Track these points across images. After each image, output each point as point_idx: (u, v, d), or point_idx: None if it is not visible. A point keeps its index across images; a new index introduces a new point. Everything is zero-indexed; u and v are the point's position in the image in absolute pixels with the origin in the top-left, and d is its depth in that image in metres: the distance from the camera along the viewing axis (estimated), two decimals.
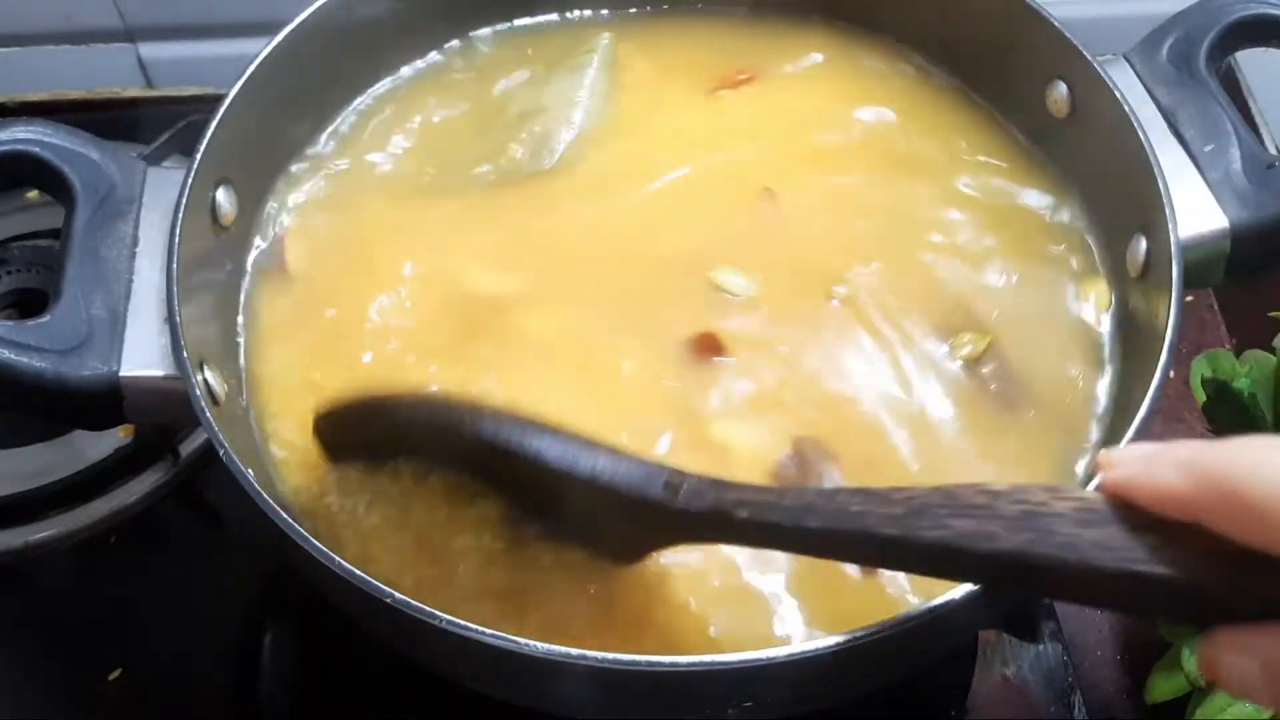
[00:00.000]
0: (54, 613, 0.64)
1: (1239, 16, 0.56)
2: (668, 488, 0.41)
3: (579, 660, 0.41)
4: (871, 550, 0.37)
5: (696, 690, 0.43)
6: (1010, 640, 0.62)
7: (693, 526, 0.41)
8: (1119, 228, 0.55)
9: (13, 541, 0.63)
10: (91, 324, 0.48)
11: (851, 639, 0.41)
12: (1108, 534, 0.32)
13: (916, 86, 0.62)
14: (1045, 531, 0.33)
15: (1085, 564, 0.32)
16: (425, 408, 0.46)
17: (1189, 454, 0.31)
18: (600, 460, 0.42)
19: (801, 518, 0.38)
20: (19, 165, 0.51)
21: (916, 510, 0.35)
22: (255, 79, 0.54)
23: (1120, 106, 0.53)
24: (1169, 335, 0.48)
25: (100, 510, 0.64)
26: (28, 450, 0.65)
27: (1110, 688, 0.62)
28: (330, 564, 0.42)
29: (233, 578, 0.65)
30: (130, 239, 0.51)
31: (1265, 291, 0.71)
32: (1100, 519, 0.32)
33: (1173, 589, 0.31)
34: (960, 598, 0.41)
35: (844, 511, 0.37)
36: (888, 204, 0.58)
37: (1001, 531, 0.33)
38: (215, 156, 0.52)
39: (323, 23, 0.57)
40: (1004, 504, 0.33)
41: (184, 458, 0.66)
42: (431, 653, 0.47)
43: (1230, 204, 0.52)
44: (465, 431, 0.43)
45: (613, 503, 0.41)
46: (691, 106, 0.62)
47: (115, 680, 0.61)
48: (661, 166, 0.58)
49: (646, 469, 0.41)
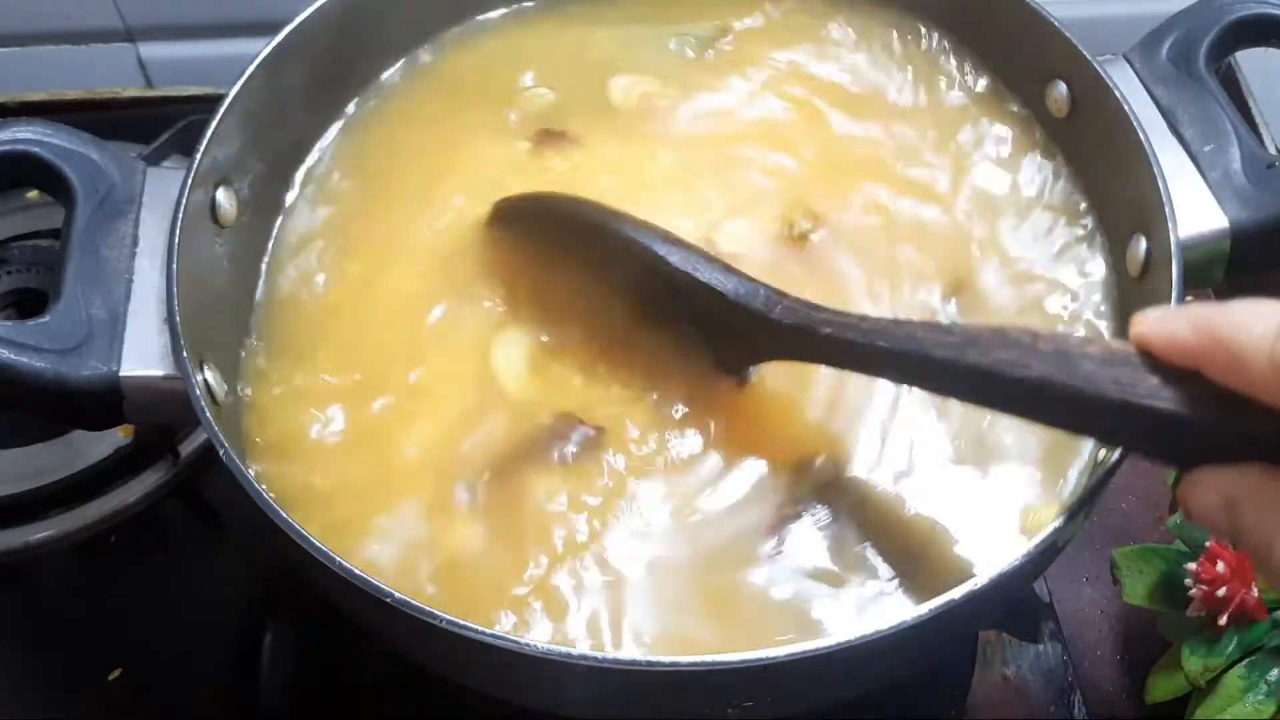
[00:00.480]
0: (54, 613, 0.64)
1: (1239, 16, 0.56)
2: (768, 302, 0.47)
3: (579, 660, 0.41)
4: (928, 371, 0.42)
5: (696, 690, 0.43)
6: (1010, 640, 0.62)
7: (785, 338, 0.47)
8: (1119, 227, 0.55)
9: (13, 541, 0.63)
10: (91, 324, 0.48)
11: (851, 639, 0.41)
12: (1123, 373, 0.37)
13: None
14: (1072, 367, 0.38)
15: (1099, 395, 0.37)
16: (586, 205, 0.53)
17: (1199, 311, 0.37)
18: (716, 271, 0.49)
19: (874, 338, 0.44)
20: (19, 165, 0.51)
21: (970, 340, 0.41)
22: (255, 79, 0.54)
23: (1120, 106, 0.53)
24: None
25: (100, 510, 0.64)
26: (28, 450, 0.65)
27: (1110, 688, 0.62)
28: (330, 564, 0.42)
29: (233, 578, 0.65)
30: (130, 239, 0.51)
31: (1265, 292, 0.71)
32: (1120, 360, 0.38)
33: (1168, 422, 0.36)
34: (960, 598, 0.41)
35: (910, 337, 0.43)
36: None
37: (1034, 363, 0.39)
38: (215, 157, 0.52)
39: (323, 22, 0.57)
40: (1042, 343, 0.39)
41: (184, 458, 0.66)
42: (431, 653, 0.47)
43: (1230, 204, 0.52)
44: (614, 231, 0.51)
45: (721, 310, 0.48)
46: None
47: (115, 680, 0.62)
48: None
49: (753, 285, 0.48)
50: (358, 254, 0.57)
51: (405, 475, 0.50)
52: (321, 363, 0.53)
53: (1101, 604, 0.65)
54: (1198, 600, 0.53)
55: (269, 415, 0.52)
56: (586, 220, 0.52)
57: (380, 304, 0.55)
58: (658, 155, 0.59)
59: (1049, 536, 0.43)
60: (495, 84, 0.62)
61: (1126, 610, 0.64)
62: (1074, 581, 0.65)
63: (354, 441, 0.51)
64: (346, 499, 0.50)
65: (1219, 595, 0.52)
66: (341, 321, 0.55)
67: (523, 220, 0.55)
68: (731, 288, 0.48)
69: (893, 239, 0.56)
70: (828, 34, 0.63)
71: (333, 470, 0.51)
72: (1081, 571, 0.65)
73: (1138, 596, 0.57)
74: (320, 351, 0.54)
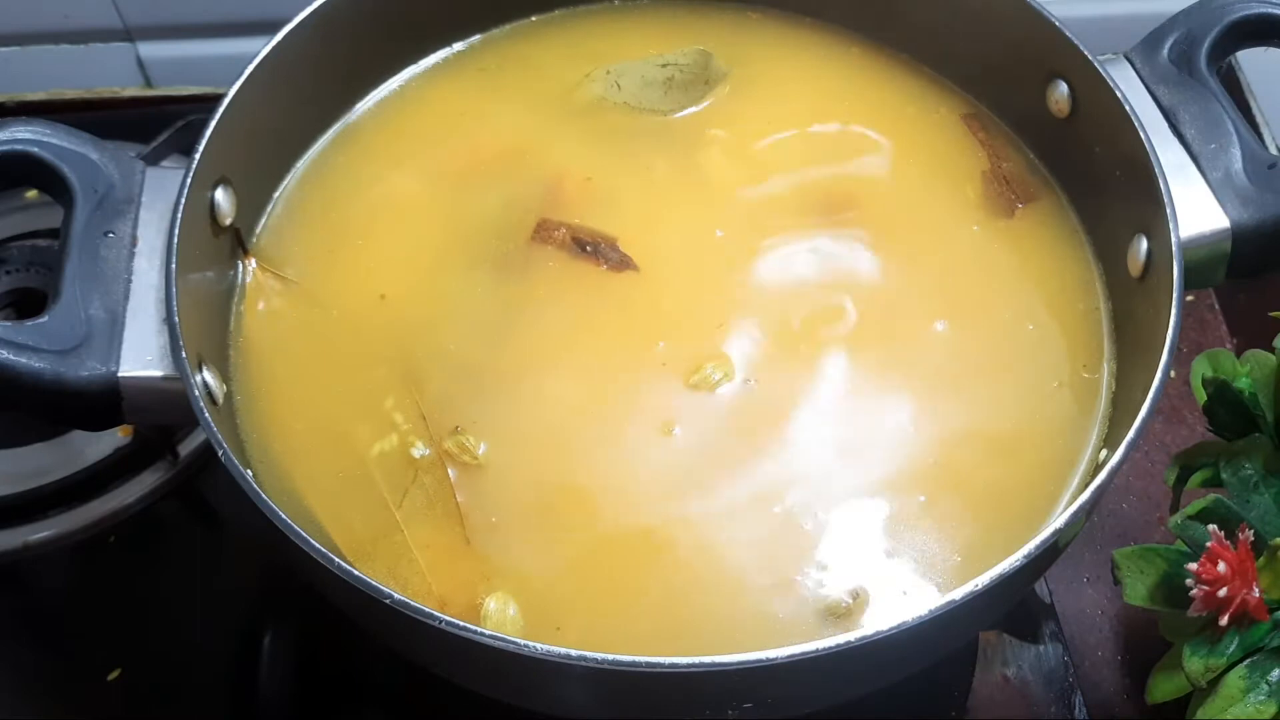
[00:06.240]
0: (54, 613, 0.64)
1: (1240, 16, 0.56)
2: None
3: (578, 661, 0.41)
4: None
5: (696, 690, 0.43)
6: (1010, 640, 0.62)
7: None
8: (1120, 227, 0.55)
9: (13, 541, 0.63)
10: (90, 324, 0.48)
11: (851, 639, 0.41)
12: None
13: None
14: None
15: None
16: None
17: None
18: None
19: None
20: (17, 165, 0.51)
21: None
22: (255, 79, 0.54)
23: (1121, 106, 0.53)
24: (1169, 335, 0.48)
25: (100, 510, 0.64)
26: (28, 450, 0.65)
27: (1110, 688, 0.62)
28: (330, 564, 0.42)
29: (233, 578, 0.65)
30: (129, 239, 0.51)
31: (1266, 291, 0.71)
32: None
33: None
34: (960, 598, 0.41)
35: None
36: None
37: None
38: (214, 156, 0.52)
39: (323, 22, 0.57)
40: None
41: (183, 458, 0.66)
42: (431, 653, 0.47)
43: (1231, 204, 0.52)
44: None
45: None
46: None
47: (115, 680, 0.61)
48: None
49: None
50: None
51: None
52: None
53: (1102, 604, 0.65)
54: (1198, 600, 0.53)
55: (268, 415, 0.52)
56: None
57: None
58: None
59: (1049, 537, 0.43)
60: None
61: (1127, 611, 0.64)
62: (1075, 582, 0.65)
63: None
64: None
65: (1220, 595, 0.52)
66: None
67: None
68: None
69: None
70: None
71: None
72: (1082, 572, 0.65)
73: (1138, 597, 0.57)
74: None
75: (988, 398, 0.53)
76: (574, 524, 0.49)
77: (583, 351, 0.54)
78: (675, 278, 0.56)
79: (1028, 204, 0.58)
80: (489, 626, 0.46)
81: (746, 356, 0.53)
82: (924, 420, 0.52)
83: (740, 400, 0.52)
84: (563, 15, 0.65)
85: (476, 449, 0.50)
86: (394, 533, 0.49)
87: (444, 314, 0.55)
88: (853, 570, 0.48)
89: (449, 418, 0.52)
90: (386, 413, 0.52)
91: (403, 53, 0.63)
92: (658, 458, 0.51)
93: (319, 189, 0.59)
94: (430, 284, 0.56)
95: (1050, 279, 0.57)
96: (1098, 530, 0.67)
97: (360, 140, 0.61)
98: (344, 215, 0.58)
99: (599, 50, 0.63)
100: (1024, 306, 0.56)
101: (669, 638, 0.47)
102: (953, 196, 0.59)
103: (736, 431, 0.51)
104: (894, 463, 0.51)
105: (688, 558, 0.48)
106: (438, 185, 0.59)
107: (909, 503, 0.50)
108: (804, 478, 0.50)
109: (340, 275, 0.56)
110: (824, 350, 0.53)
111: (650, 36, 0.64)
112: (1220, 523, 0.50)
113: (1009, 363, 0.54)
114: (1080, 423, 0.53)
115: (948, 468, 0.51)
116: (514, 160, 0.59)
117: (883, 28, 0.64)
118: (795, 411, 0.52)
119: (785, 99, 0.62)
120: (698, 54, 0.62)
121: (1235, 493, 0.52)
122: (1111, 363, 0.54)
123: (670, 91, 0.61)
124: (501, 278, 0.56)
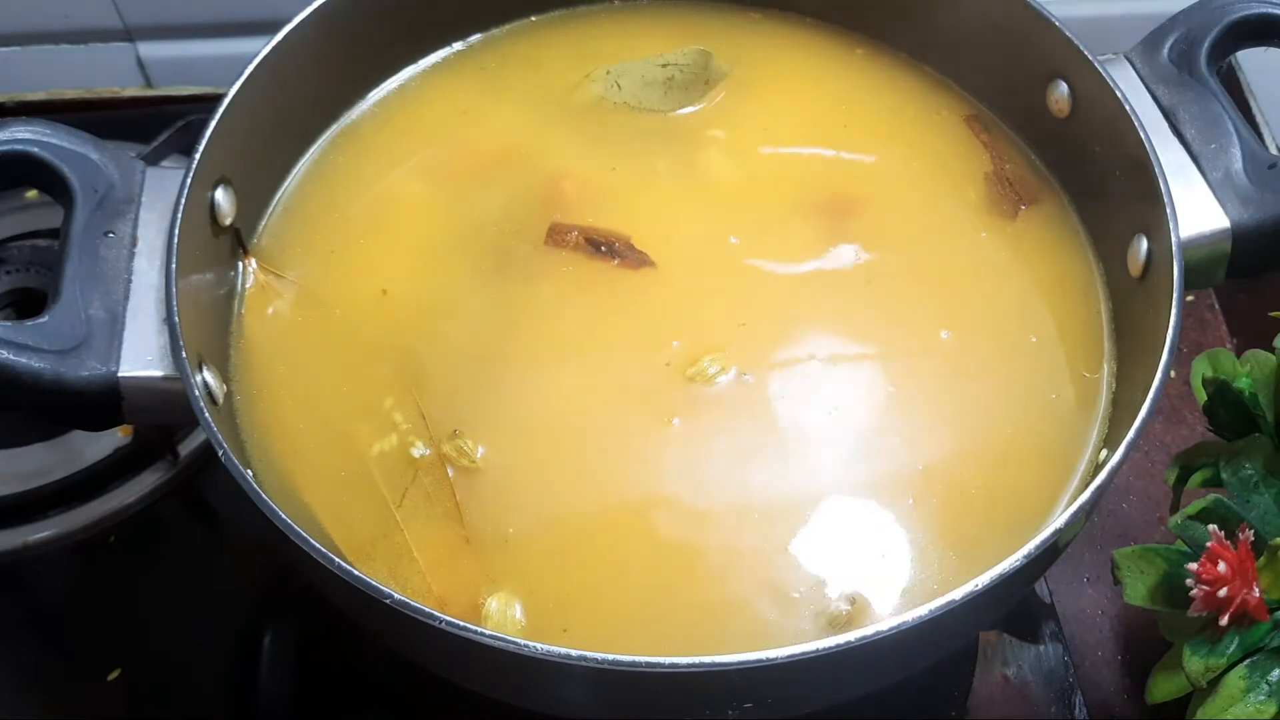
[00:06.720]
0: (54, 613, 0.64)
1: (1240, 16, 0.56)
2: None
3: (578, 661, 0.41)
4: None
5: (696, 691, 0.43)
6: (1010, 640, 0.62)
7: None
8: (1120, 227, 0.55)
9: (13, 541, 0.63)
10: (90, 324, 0.48)
11: (851, 639, 0.41)
12: None
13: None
14: None
15: None
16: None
17: None
18: None
19: None
20: (17, 165, 0.51)
21: None
22: (255, 79, 0.54)
23: (1121, 106, 0.53)
24: (1169, 335, 0.48)
25: (100, 510, 0.64)
26: (27, 450, 0.65)
27: (1110, 688, 0.62)
28: (330, 564, 0.42)
29: (233, 578, 0.65)
30: (129, 239, 0.51)
31: (1266, 291, 0.71)
32: None
33: None
34: (960, 599, 0.41)
35: None
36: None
37: None
38: (214, 156, 0.52)
39: (323, 21, 0.57)
40: None
41: (183, 458, 0.66)
42: (431, 653, 0.47)
43: (1231, 204, 0.52)
44: None
45: None
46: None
47: (115, 680, 0.61)
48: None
49: None
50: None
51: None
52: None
53: (1102, 604, 0.65)
54: (1199, 601, 0.53)
55: (268, 415, 0.52)
56: None
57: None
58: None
59: (1049, 537, 0.43)
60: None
61: (1127, 611, 0.64)
62: (1075, 582, 0.65)
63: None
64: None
65: (1220, 595, 0.52)
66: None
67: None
68: None
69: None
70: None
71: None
72: (1082, 572, 0.65)
73: (1138, 597, 0.56)
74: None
75: (988, 398, 0.53)
76: (574, 524, 0.49)
77: (591, 351, 0.53)
78: (688, 275, 0.56)
79: (1030, 205, 0.58)
80: (490, 627, 0.46)
81: (755, 357, 0.53)
82: (924, 420, 0.52)
83: (746, 400, 0.52)
84: (563, 15, 0.65)
85: (474, 453, 0.50)
86: (394, 533, 0.49)
87: (445, 313, 0.55)
88: (853, 571, 0.48)
89: (449, 418, 0.52)
90: (386, 413, 0.52)
91: (403, 52, 0.63)
92: (663, 458, 0.51)
93: (319, 189, 0.59)
94: (431, 283, 0.56)
95: (1051, 279, 0.57)
96: (1098, 530, 0.67)
97: (361, 140, 0.61)
98: (344, 215, 0.58)
99: (599, 50, 0.63)
100: (1024, 307, 0.56)
101: (669, 638, 0.47)
102: (955, 198, 0.59)
103: (744, 433, 0.51)
104: (894, 463, 0.51)
105: (688, 560, 0.48)
106: (438, 185, 0.59)
107: (908, 503, 0.50)
108: (809, 479, 0.50)
109: (341, 275, 0.56)
110: (826, 350, 0.54)
111: (650, 36, 0.64)
112: (1220, 523, 0.50)
113: (1009, 363, 0.54)
114: (1080, 423, 0.53)
115: (948, 467, 0.51)
116: (514, 160, 0.60)
117: (883, 28, 0.64)
118: (803, 413, 0.52)
119: (785, 99, 0.62)
120: (698, 54, 0.62)
121: (1235, 493, 0.52)
122: (1112, 363, 0.54)
123: (670, 91, 0.61)
124: (503, 278, 0.56)
